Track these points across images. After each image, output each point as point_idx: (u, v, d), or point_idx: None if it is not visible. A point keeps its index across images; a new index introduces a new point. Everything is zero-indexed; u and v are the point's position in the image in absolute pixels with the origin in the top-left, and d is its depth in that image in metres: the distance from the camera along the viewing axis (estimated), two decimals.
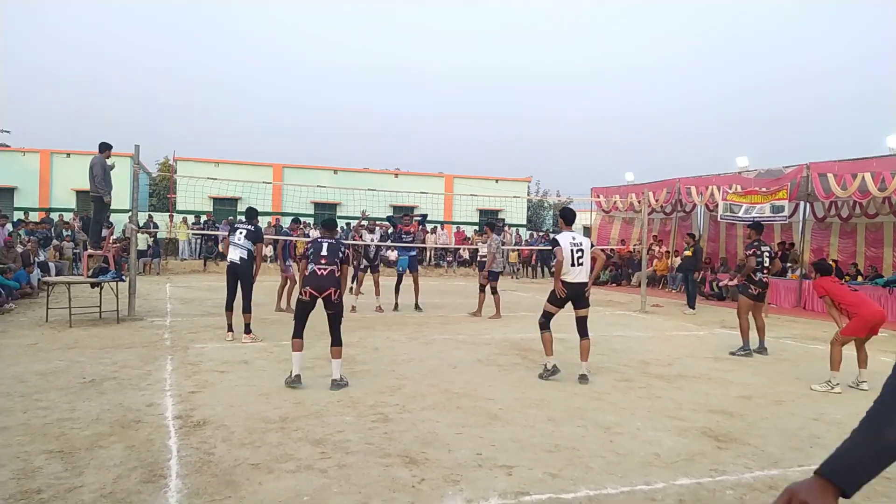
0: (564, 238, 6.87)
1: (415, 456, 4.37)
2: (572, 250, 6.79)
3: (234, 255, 8.79)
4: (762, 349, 8.98)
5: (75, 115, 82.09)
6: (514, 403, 5.85)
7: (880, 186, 13.52)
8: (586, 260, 6.87)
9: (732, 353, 8.82)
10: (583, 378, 6.82)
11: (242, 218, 9.62)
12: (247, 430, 4.84)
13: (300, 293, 6.42)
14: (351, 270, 6.51)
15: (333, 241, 6.61)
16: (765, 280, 8.97)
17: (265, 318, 10.70)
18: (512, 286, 19.87)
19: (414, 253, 13.12)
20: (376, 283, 12.68)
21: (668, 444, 4.82)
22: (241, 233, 8.88)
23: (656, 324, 12.14)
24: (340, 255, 6.49)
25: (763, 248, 8.97)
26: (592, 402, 5.98)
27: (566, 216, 7.29)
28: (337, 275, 6.41)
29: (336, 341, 6.34)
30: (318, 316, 6.50)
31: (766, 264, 8.95)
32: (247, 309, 8.80)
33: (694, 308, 14.26)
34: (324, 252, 6.43)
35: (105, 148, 10.85)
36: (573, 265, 6.80)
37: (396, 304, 12.72)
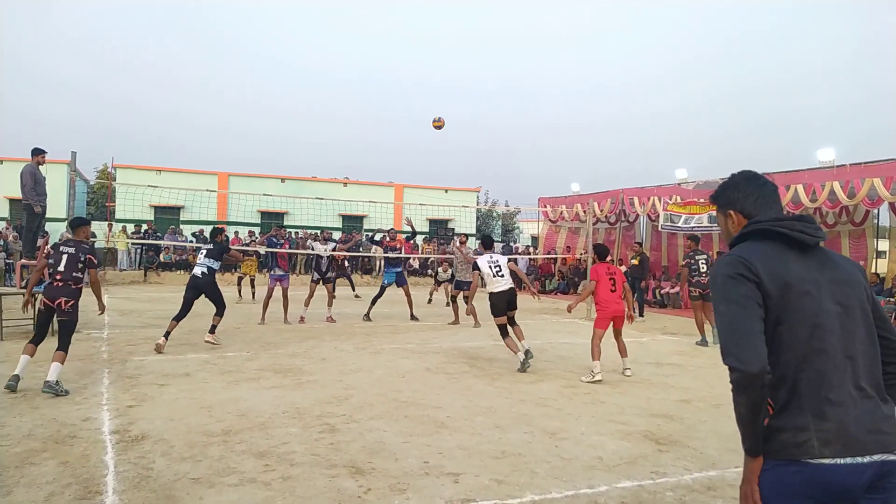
0: (483, 260, 8.30)
1: (361, 466, 4.35)
2: (490, 266, 8.17)
3: (197, 269, 9.27)
4: (703, 342, 10.41)
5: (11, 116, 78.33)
6: (462, 411, 5.87)
7: (811, 198, 14.15)
8: (506, 272, 8.20)
9: (698, 344, 10.44)
10: (528, 353, 7.88)
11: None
12: (187, 443, 4.72)
13: (40, 303, 6.37)
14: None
15: (74, 250, 6.47)
16: (703, 282, 10.50)
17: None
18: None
19: (400, 269, 13.24)
20: (330, 294, 12.55)
21: (611, 448, 4.92)
22: (203, 252, 9.39)
23: None
24: (80, 264, 6.44)
25: (698, 257, 10.73)
26: (539, 409, 6.06)
27: (485, 242, 8.94)
28: (73, 287, 6.38)
29: (61, 347, 6.24)
30: (268, 330, 6.39)
31: (703, 270, 10.57)
32: (219, 313, 9.25)
33: (643, 315, 14.61)
34: (61, 267, 6.38)
35: (36, 153, 10.37)
36: (495, 277, 8.12)
37: (368, 314, 12.77)
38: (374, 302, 12.96)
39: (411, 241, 14.05)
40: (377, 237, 14.33)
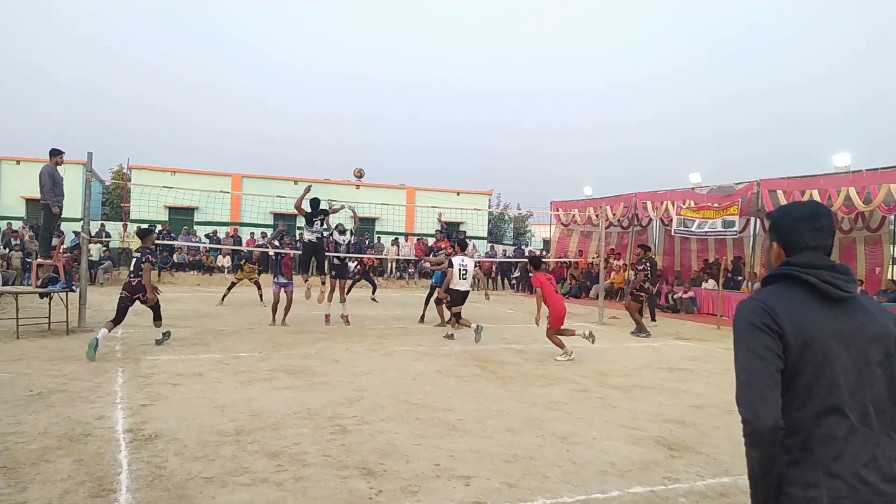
0: (456, 260, 10.22)
1: (372, 467, 4.35)
2: (460, 269, 10.17)
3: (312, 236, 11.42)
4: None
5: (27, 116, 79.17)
6: (473, 414, 5.87)
7: (827, 203, 14.03)
8: (469, 276, 10.42)
9: (632, 333, 12.13)
10: (478, 328, 10.01)
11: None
12: (200, 443, 4.75)
13: (121, 292, 8.60)
14: (151, 271, 8.80)
15: (140, 254, 8.60)
16: (652, 289, 12.96)
17: (222, 329, 10.52)
18: (472, 297, 19.90)
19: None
20: (341, 290, 12.22)
21: (623, 453, 4.90)
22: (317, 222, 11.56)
23: (613, 335, 12.31)
24: (142, 265, 8.56)
25: (649, 264, 12.56)
26: (550, 413, 6.05)
27: (461, 244, 10.78)
28: (140, 283, 8.52)
29: (155, 319, 9.00)
30: (279, 331, 6.41)
31: (649, 276, 12.57)
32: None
33: (655, 320, 14.47)
34: (132, 268, 8.77)
35: (55, 154, 10.46)
36: (461, 278, 10.19)
37: (423, 317, 13.14)
38: (426, 303, 13.26)
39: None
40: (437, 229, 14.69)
